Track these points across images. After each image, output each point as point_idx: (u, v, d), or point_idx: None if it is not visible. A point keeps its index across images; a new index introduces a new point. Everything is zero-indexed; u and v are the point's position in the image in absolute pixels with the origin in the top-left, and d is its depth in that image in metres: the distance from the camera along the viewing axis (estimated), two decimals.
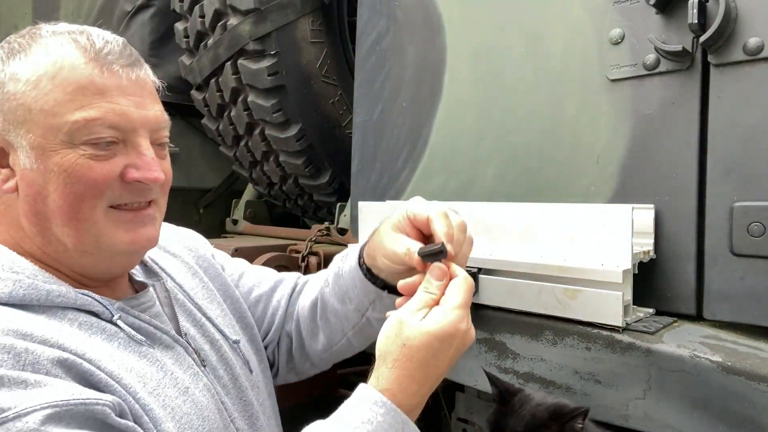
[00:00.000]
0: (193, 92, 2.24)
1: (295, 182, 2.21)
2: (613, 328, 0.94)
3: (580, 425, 0.85)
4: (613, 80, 1.06)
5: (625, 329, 0.94)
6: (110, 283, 0.88)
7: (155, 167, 0.80)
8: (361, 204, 1.40)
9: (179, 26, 2.20)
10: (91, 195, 0.77)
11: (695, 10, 0.91)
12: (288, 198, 2.36)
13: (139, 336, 0.81)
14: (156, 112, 0.83)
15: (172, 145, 0.92)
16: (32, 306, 0.74)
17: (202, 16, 2.03)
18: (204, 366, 0.91)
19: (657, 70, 1.01)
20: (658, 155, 1.02)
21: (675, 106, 1.00)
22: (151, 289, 0.92)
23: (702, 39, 0.92)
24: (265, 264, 1.70)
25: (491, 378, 0.96)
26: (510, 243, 1.08)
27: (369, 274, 0.98)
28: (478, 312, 1.11)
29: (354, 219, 1.49)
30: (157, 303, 0.91)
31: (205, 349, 0.94)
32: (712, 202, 0.96)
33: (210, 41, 2.02)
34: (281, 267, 1.77)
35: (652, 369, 0.88)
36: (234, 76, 1.97)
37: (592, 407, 0.94)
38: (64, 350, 0.70)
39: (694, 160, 0.98)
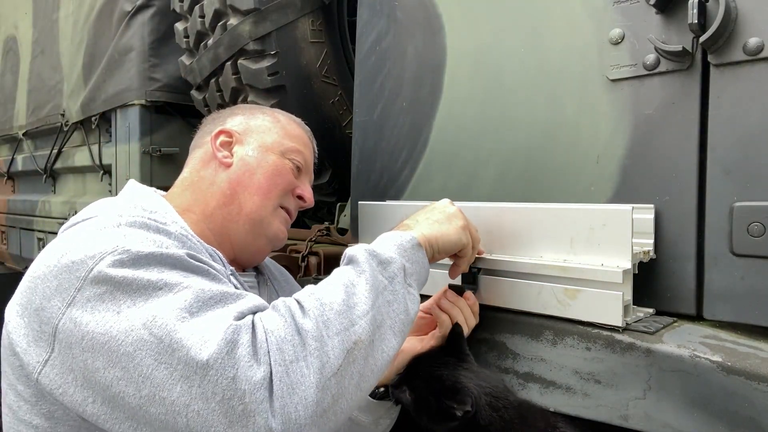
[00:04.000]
0: (193, 92, 2.24)
1: None
2: (613, 328, 0.94)
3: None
4: (613, 80, 1.06)
5: (625, 329, 0.94)
6: (233, 261, 1.14)
7: (312, 195, 1.23)
8: (361, 204, 1.40)
9: (179, 26, 2.20)
10: (282, 187, 1.15)
11: (695, 10, 0.91)
12: None
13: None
14: (312, 170, 1.27)
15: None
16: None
17: (202, 16, 2.03)
18: None
19: (657, 70, 1.01)
20: (658, 155, 1.02)
21: (675, 106, 1.00)
22: (254, 277, 1.22)
23: (702, 39, 0.92)
24: None
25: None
26: (510, 243, 1.08)
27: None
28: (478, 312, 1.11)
29: (354, 219, 1.49)
30: (258, 289, 1.20)
31: None
32: (712, 202, 0.96)
33: (210, 41, 2.02)
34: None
35: (652, 369, 0.88)
36: (234, 76, 1.97)
37: (592, 407, 0.94)
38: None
39: (694, 160, 0.98)
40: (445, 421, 0.98)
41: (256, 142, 1.16)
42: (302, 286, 1.47)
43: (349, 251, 0.90)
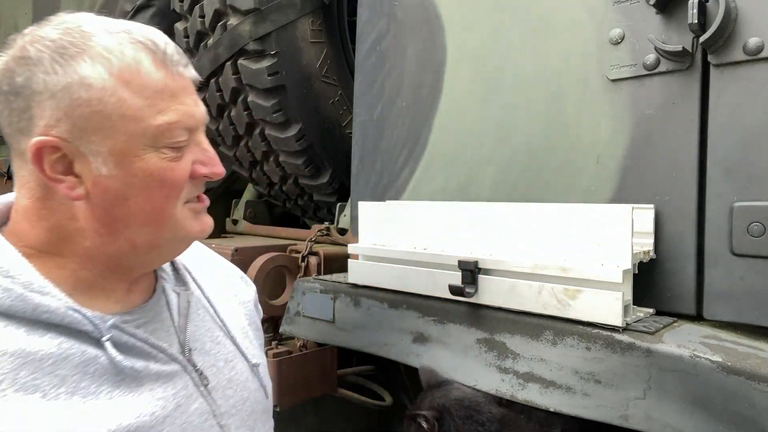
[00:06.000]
0: None
1: (295, 182, 2.21)
2: (613, 328, 0.94)
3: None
4: (613, 80, 1.06)
5: (625, 329, 0.94)
6: (137, 281, 0.86)
7: (218, 162, 0.82)
8: (361, 204, 1.40)
9: (179, 26, 2.20)
10: (174, 195, 0.79)
11: (695, 10, 0.91)
12: (288, 198, 2.36)
13: (123, 363, 0.75)
14: (203, 107, 0.82)
15: None
16: (17, 317, 0.71)
17: (202, 16, 2.03)
18: (206, 386, 0.86)
19: (657, 70, 1.01)
20: (658, 155, 1.02)
21: (675, 106, 1.00)
22: (164, 296, 0.89)
23: (702, 39, 0.92)
24: (265, 264, 1.70)
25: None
26: (510, 243, 1.08)
27: None
28: (478, 312, 1.11)
29: (354, 219, 1.49)
30: (168, 312, 0.88)
31: (218, 366, 0.89)
32: (712, 202, 0.96)
33: (210, 41, 2.02)
34: (281, 267, 1.77)
35: (652, 369, 0.88)
36: (234, 76, 1.97)
37: (592, 407, 0.94)
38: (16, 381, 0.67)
39: (694, 160, 0.98)
40: None
41: (105, 150, 0.74)
42: (301, 287, 1.48)
43: None
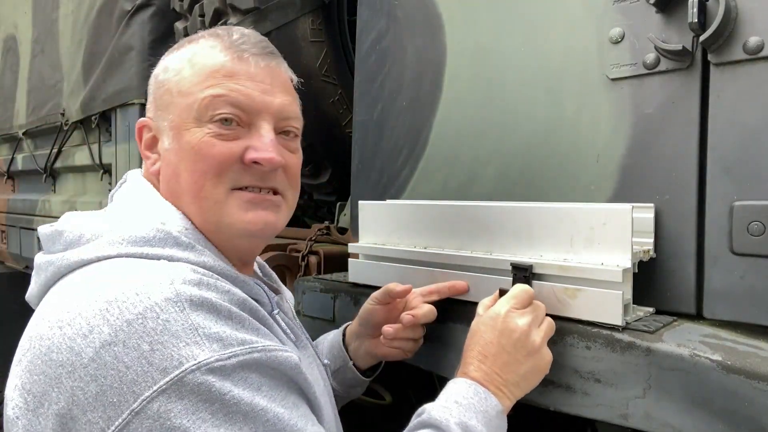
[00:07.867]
0: None
1: None
2: (613, 327, 0.94)
3: None
4: (613, 79, 1.06)
5: (625, 328, 0.94)
6: (243, 270, 0.88)
7: (272, 149, 0.81)
8: (361, 203, 1.40)
9: (179, 25, 2.20)
10: (212, 173, 0.79)
11: (695, 9, 0.91)
12: None
13: (291, 334, 0.85)
14: (282, 100, 0.84)
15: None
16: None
17: (202, 16, 2.03)
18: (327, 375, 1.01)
19: (657, 69, 1.01)
20: (658, 154, 1.02)
21: (675, 106, 1.00)
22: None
23: (702, 38, 0.92)
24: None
25: None
26: (510, 243, 1.08)
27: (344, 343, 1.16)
28: None
29: (354, 218, 1.49)
30: (289, 308, 0.98)
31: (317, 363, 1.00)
32: (712, 201, 0.96)
33: None
34: (281, 266, 1.77)
35: (652, 368, 0.88)
36: None
37: (592, 406, 0.94)
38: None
39: (694, 159, 0.98)
40: None
41: (168, 125, 0.81)
42: (301, 286, 1.48)
43: (436, 417, 0.80)
